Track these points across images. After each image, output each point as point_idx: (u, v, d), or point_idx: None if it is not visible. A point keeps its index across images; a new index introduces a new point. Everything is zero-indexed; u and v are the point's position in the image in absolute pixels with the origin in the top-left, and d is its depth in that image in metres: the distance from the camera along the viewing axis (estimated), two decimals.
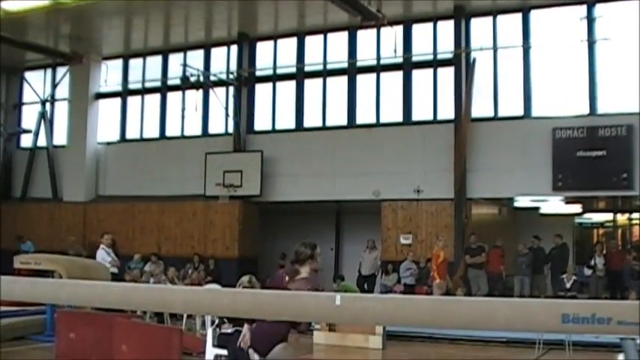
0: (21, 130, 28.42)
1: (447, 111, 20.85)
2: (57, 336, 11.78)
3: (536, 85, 20.20)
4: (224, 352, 9.02)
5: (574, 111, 19.46)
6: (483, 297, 14.12)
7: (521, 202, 21.35)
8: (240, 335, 8.95)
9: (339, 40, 22.67)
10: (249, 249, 22.95)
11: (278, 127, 23.36)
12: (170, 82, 25.09)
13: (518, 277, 19.35)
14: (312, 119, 22.95)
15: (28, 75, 28.62)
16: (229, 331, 9.03)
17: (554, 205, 21.16)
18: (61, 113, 27.37)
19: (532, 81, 20.20)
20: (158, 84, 25.66)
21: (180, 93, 24.70)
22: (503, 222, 22.71)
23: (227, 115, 23.66)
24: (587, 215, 23.62)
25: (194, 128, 24.73)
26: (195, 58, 24.48)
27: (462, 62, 20.56)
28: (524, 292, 18.78)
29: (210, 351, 9.20)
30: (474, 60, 20.40)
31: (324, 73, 22.80)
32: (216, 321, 9.37)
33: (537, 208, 21.79)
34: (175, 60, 24.87)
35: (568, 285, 17.89)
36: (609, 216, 23.83)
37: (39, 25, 23.21)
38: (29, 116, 28.39)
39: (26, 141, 28.33)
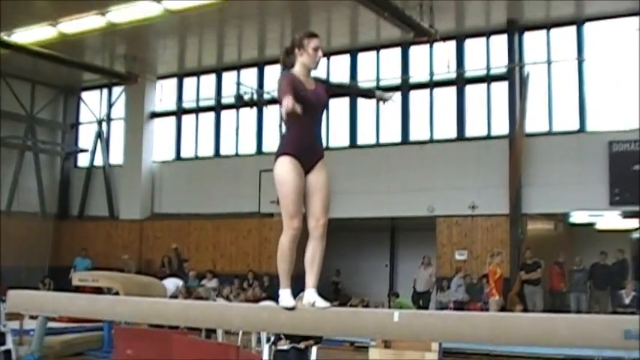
0: (78, 149, 28.92)
1: (501, 126, 20.69)
2: (114, 352, 11.92)
3: (591, 98, 19.93)
4: None
5: (630, 124, 19.07)
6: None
7: (578, 217, 21.12)
8: (296, 353, 8.99)
9: (391, 56, 22.66)
10: (304, 265, 22.90)
11: (331, 144, 23.35)
12: (224, 101, 25.26)
13: (575, 294, 19.12)
14: (365, 136, 22.95)
15: (84, 95, 29.09)
16: (285, 347, 9.08)
17: (610, 220, 20.88)
18: (117, 132, 27.77)
19: (587, 95, 19.95)
20: (212, 102, 25.83)
21: (234, 111, 24.92)
22: (559, 237, 22.42)
23: (281, 132, 23.66)
24: None
25: (248, 146, 24.85)
26: (249, 76, 24.70)
27: (515, 77, 20.39)
28: (582, 309, 18.55)
29: None
30: (528, 74, 20.21)
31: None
32: (272, 338, 9.43)
33: (593, 224, 21.52)
34: (229, 78, 25.11)
35: (627, 300, 17.61)
36: None
37: (95, 45, 23.60)
38: (86, 135, 28.90)
39: (83, 160, 28.81)
